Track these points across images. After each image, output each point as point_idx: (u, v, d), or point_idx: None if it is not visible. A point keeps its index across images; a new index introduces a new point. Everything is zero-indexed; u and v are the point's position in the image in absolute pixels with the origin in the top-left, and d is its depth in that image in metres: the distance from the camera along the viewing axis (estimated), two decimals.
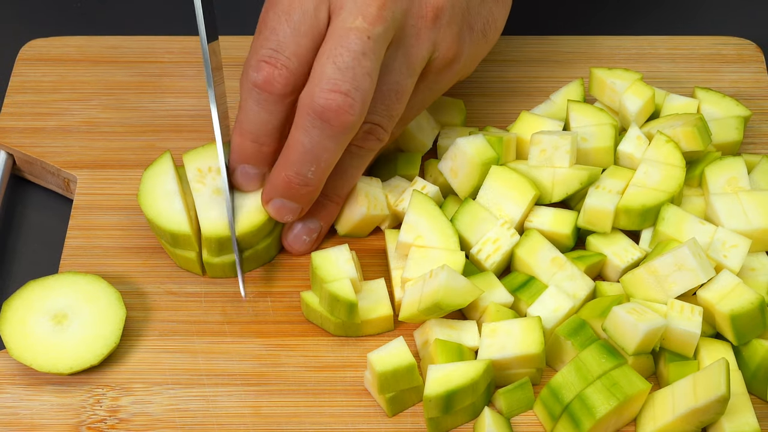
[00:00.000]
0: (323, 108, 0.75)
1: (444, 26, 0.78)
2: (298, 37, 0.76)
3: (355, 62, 0.75)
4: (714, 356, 0.77)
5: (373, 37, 0.75)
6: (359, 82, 0.75)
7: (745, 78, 0.94)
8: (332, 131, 0.76)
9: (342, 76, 0.75)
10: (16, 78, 0.94)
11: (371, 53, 0.75)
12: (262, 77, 0.77)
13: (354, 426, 0.76)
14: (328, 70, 0.75)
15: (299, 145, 0.77)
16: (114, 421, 0.76)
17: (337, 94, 0.75)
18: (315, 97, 0.75)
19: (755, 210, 0.82)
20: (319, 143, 0.77)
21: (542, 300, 0.79)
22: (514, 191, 0.83)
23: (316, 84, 0.75)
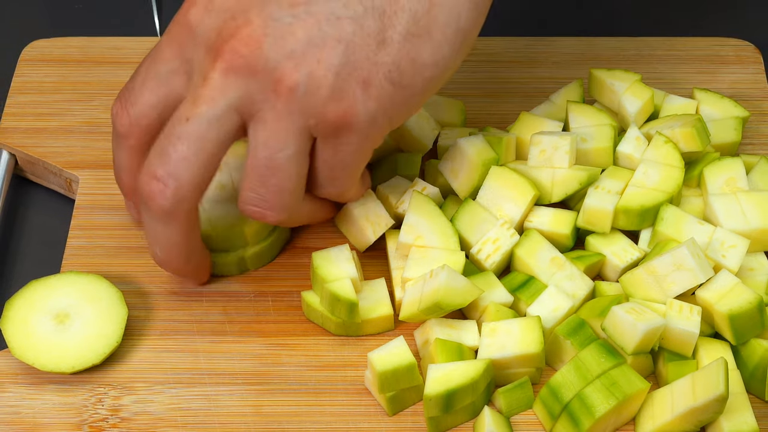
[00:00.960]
0: (143, 192, 0.75)
1: (306, 96, 0.73)
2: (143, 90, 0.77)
3: (169, 146, 0.74)
4: (712, 356, 0.77)
5: (194, 119, 0.74)
6: (173, 167, 0.74)
7: (743, 79, 0.94)
8: (155, 215, 0.76)
9: (158, 162, 0.74)
10: (19, 78, 0.94)
11: (188, 134, 0.74)
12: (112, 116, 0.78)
13: (354, 425, 0.76)
14: (151, 156, 0.75)
15: (144, 226, 0.78)
16: (116, 420, 0.76)
17: (152, 179, 0.74)
18: (139, 182, 0.76)
19: (754, 210, 0.82)
20: (151, 226, 0.77)
21: (542, 300, 0.79)
22: (514, 191, 0.83)
23: (144, 167, 0.76)
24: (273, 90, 0.73)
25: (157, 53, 0.77)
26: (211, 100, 0.73)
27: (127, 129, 0.77)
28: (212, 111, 0.73)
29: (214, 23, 0.74)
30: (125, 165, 0.79)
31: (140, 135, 0.77)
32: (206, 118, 0.74)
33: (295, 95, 0.73)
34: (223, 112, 0.74)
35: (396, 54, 0.73)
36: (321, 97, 0.73)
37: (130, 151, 0.78)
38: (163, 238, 0.77)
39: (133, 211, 0.84)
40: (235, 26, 0.73)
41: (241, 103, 0.74)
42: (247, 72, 0.73)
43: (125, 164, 0.79)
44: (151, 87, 0.76)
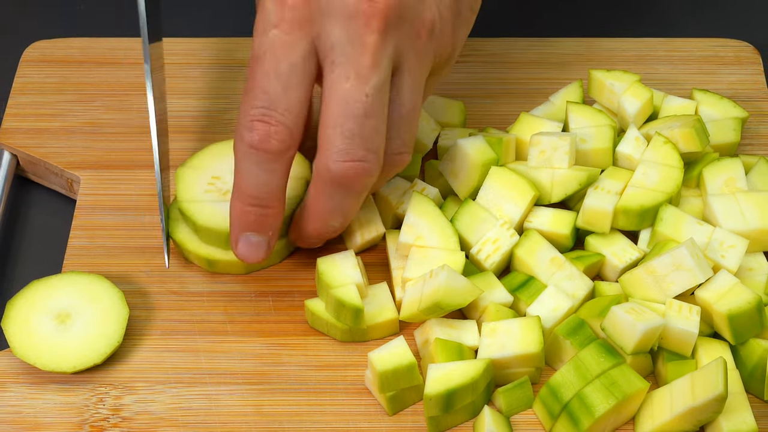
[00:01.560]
0: (341, 176, 0.74)
1: (438, 34, 0.77)
2: (289, 91, 0.74)
3: (361, 127, 0.74)
4: (712, 355, 0.77)
5: (371, 91, 0.74)
6: (369, 143, 0.74)
7: (742, 80, 0.94)
8: (354, 192, 0.76)
9: (352, 144, 0.74)
10: (20, 79, 0.94)
11: (373, 108, 0.74)
12: (258, 137, 0.74)
13: (355, 424, 0.76)
14: (337, 141, 0.74)
15: (323, 206, 0.77)
16: (117, 420, 0.77)
17: (351, 162, 0.74)
18: (331, 168, 0.74)
19: (752, 210, 0.82)
20: (344, 202, 0.77)
21: (541, 300, 0.79)
22: (514, 192, 0.83)
23: (328, 154, 0.74)
24: (416, 35, 0.75)
25: (277, 47, 0.74)
26: (376, 66, 0.73)
27: (289, 143, 0.75)
28: (381, 76, 0.73)
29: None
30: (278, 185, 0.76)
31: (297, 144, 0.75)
32: (380, 88, 0.74)
33: (432, 36, 0.75)
34: (387, 73, 0.74)
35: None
36: (446, 35, 0.77)
37: (288, 165, 0.76)
38: (352, 209, 0.77)
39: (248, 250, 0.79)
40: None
41: (395, 56, 0.74)
42: (400, 22, 0.74)
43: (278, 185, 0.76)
44: (295, 84, 0.74)
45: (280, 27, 0.73)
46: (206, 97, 0.92)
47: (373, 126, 0.74)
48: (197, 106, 0.92)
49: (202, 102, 0.91)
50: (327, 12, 0.73)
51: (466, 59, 0.96)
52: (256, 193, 0.76)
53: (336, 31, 0.73)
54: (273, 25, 0.74)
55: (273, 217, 0.77)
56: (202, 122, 0.91)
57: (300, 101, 0.74)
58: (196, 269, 0.84)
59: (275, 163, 0.75)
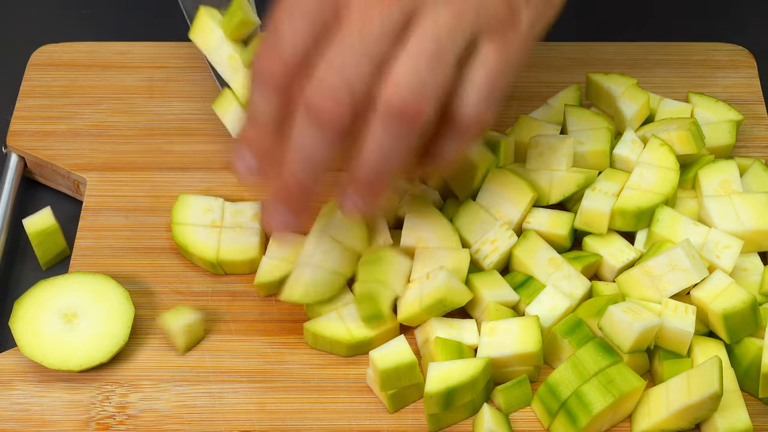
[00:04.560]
0: (314, 108, 0.71)
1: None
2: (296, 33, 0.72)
3: (345, 63, 0.70)
4: (707, 354, 0.77)
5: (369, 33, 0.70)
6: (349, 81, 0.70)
7: (737, 83, 0.94)
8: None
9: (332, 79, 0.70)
10: (28, 83, 0.94)
11: (362, 52, 0.70)
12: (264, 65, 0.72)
13: (356, 422, 0.77)
14: (321, 71, 0.71)
15: (295, 146, 0.72)
16: (123, 417, 0.77)
17: (325, 98, 0.70)
18: (307, 97, 0.71)
19: (747, 212, 0.82)
20: (313, 143, 0.72)
21: (540, 299, 0.80)
22: (513, 193, 0.83)
23: (309, 84, 0.71)
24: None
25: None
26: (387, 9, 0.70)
27: (288, 78, 0.72)
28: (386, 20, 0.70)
29: None
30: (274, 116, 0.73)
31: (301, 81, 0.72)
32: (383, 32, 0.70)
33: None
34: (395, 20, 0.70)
35: None
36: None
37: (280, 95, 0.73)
38: (322, 155, 0.72)
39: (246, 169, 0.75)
40: None
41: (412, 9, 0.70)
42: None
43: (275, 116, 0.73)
44: (300, 28, 0.71)
45: None
46: (211, 99, 0.92)
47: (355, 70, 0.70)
48: (201, 109, 0.92)
49: (206, 104, 0.91)
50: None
51: None
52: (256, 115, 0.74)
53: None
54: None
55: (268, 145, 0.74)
56: (207, 125, 0.91)
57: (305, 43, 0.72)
58: (201, 269, 0.84)
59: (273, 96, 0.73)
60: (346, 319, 0.80)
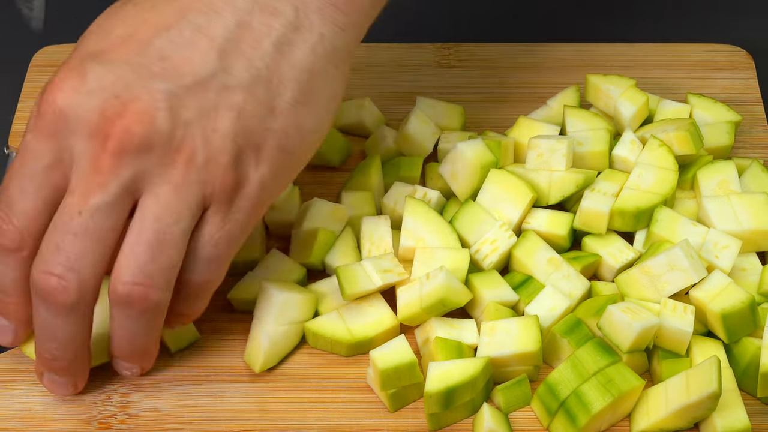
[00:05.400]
0: (41, 289, 0.70)
1: (205, 165, 0.70)
2: (24, 196, 0.71)
3: (67, 245, 0.69)
4: (706, 354, 0.77)
5: (86, 211, 0.69)
6: (73, 263, 0.70)
7: (736, 84, 0.95)
8: (54, 310, 0.71)
9: (54, 258, 0.70)
10: (29, 84, 0.94)
11: (83, 228, 0.69)
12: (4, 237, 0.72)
13: (357, 421, 0.77)
14: (44, 251, 0.70)
15: (36, 322, 0.73)
16: (124, 417, 0.77)
17: (51, 276, 0.70)
18: (34, 277, 0.70)
19: (746, 212, 0.82)
20: (49, 321, 0.72)
21: (539, 299, 0.80)
22: (512, 194, 0.83)
23: (36, 262, 0.71)
24: (170, 162, 0.70)
25: (26, 152, 0.71)
26: (102, 187, 0.69)
27: (18, 242, 0.72)
28: (105, 198, 0.69)
29: (92, 105, 0.69)
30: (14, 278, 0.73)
31: (34, 244, 0.72)
32: (100, 209, 0.69)
33: (194, 165, 0.70)
34: (116, 198, 0.70)
35: (284, 121, 0.72)
36: (220, 165, 0.70)
37: (23, 263, 0.72)
38: (63, 333, 0.72)
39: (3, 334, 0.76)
40: (120, 104, 0.69)
41: (134, 182, 0.70)
42: (142, 149, 0.69)
43: (14, 277, 0.73)
44: (31, 191, 0.71)
45: (33, 134, 0.71)
46: None
47: (82, 248, 0.70)
48: None
49: None
50: (74, 127, 0.69)
51: (466, 64, 0.96)
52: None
53: (78, 147, 0.70)
54: (28, 130, 0.71)
55: (14, 305, 0.74)
56: None
57: (36, 210, 0.71)
58: None
59: (11, 259, 0.72)
60: (346, 318, 0.80)
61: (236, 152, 0.71)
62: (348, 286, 0.79)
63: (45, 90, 0.71)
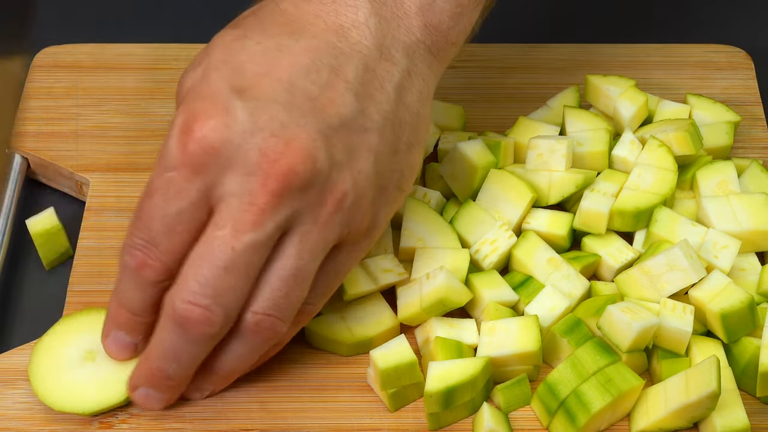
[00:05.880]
0: (183, 318, 0.71)
1: (351, 206, 0.71)
2: (172, 235, 0.71)
3: (216, 279, 0.70)
4: (705, 353, 0.77)
5: (239, 248, 0.69)
6: (220, 297, 0.70)
7: (735, 85, 0.95)
8: (192, 338, 0.72)
9: (202, 290, 0.70)
10: (31, 84, 0.94)
11: (235, 265, 0.69)
12: (135, 263, 0.72)
13: (357, 421, 0.77)
14: (190, 282, 0.70)
15: (162, 343, 0.73)
16: (125, 416, 0.77)
17: (196, 307, 0.70)
18: (176, 306, 0.71)
19: (745, 212, 0.83)
20: (180, 346, 0.72)
21: (539, 299, 0.80)
22: (512, 194, 0.84)
23: (178, 291, 0.71)
24: (322, 202, 0.70)
25: (170, 189, 0.70)
26: (257, 226, 0.69)
27: (164, 276, 0.72)
28: (259, 236, 0.69)
29: (249, 142, 0.69)
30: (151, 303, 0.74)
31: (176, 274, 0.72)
32: (253, 246, 0.69)
33: (343, 206, 0.71)
34: (269, 236, 0.70)
35: (403, 162, 0.74)
36: (363, 207, 0.72)
37: (162, 291, 0.73)
38: (188, 358, 0.73)
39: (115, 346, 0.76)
40: (281, 143, 0.69)
41: (288, 221, 0.70)
42: (303, 188, 0.69)
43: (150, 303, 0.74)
44: (179, 230, 0.71)
45: (178, 171, 0.70)
46: None
47: (231, 282, 0.70)
48: None
49: None
50: (227, 164, 0.69)
51: (466, 65, 0.96)
52: (130, 303, 0.74)
53: (231, 184, 0.69)
54: (171, 167, 0.70)
55: (144, 324, 0.75)
56: None
57: (182, 244, 0.71)
58: None
59: (150, 287, 0.73)
60: (346, 318, 0.80)
61: (375, 195, 0.73)
62: (349, 286, 0.80)
63: (185, 125, 0.69)
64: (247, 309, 0.72)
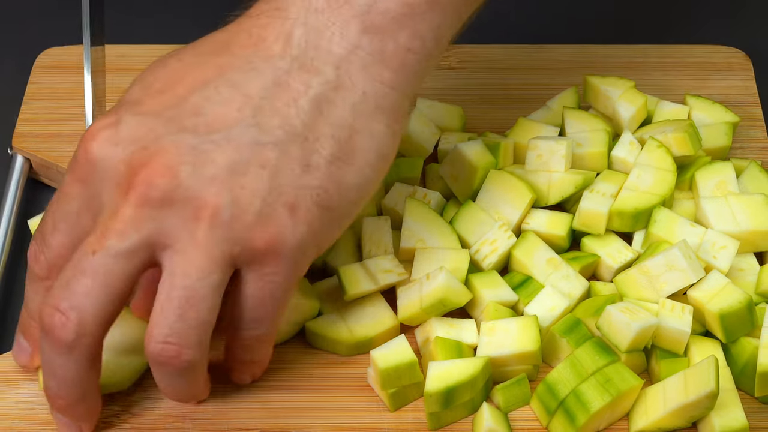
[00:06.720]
0: (45, 323, 0.70)
1: (230, 222, 0.69)
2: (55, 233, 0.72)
3: (72, 281, 0.69)
4: (703, 353, 0.78)
5: (100, 253, 0.68)
6: (77, 301, 0.69)
7: (734, 85, 0.95)
8: (55, 347, 0.70)
9: (61, 294, 0.69)
10: (33, 85, 0.95)
11: (93, 271, 0.68)
12: (30, 256, 0.74)
13: (358, 420, 0.77)
14: (55, 286, 0.70)
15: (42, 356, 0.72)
16: (127, 416, 0.77)
17: (55, 311, 0.69)
18: (42, 310, 0.70)
19: (743, 213, 0.83)
20: (50, 358, 0.71)
21: (539, 299, 0.80)
22: (512, 194, 0.84)
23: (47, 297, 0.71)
24: (193, 218, 0.68)
25: (63, 193, 0.72)
26: (120, 234, 0.68)
27: (46, 271, 0.73)
28: (121, 244, 0.68)
29: (121, 155, 0.69)
30: (39, 304, 0.73)
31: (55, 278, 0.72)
32: (114, 252, 0.69)
33: (219, 221, 0.68)
34: (133, 246, 0.69)
35: (322, 178, 0.71)
36: (247, 223, 0.69)
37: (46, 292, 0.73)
38: (61, 372, 0.71)
39: (21, 355, 0.77)
40: (146, 156, 0.69)
41: (155, 236, 0.69)
42: (163, 203, 0.68)
43: (38, 304, 0.73)
44: (62, 228, 0.72)
45: (69, 176, 0.72)
46: None
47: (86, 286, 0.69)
48: None
49: None
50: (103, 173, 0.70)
51: (466, 66, 0.96)
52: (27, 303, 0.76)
53: (105, 195, 0.70)
54: (67, 171, 0.72)
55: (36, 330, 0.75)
56: None
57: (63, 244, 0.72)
58: None
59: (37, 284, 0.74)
60: (347, 318, 0.81)
61: (266, 211, 0.69)
62: (349, 286, 0.80)
63: (83, 136, 0.71)
64: (149, 340, 0.70)
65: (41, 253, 0.73)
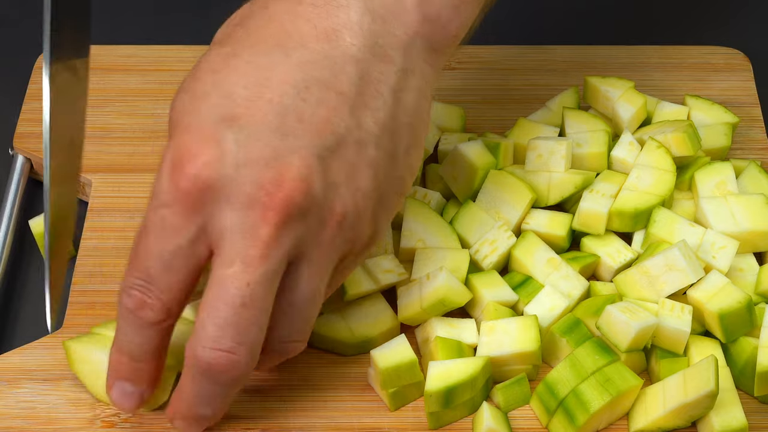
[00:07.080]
0: (208, 365, 0.69)
1: (351, 223, 0.70)
2: (170, 273, 0.69)
3: (236, 317, 0.68)
4: (703, 353, 0.78)
5: (254, 282, 0.67)
6: (243, 336, 0.68)
7: (733, 86, 0.95)
8: (221, 383, 0.70)
9: (222, 334, 0.68)
10: (34, 86, 0.95)
11: (252, 299, 0.68)
12: (133, 304, 0.70)
13: (358, 420, 0.77)
14: (209, 328, 0.68)
15: (191, 389, 0.71)
16: (128, 415, 0.77)
17: (220, 351, 0.68)
18: (198, 354, 0.69)
19: (743, 213, 0.83)
20: (211, 391, 0.71)
21: (538, 299, 0.80)
22: (512, 195, 0.84)
23: (199, 339, 0.69)
24: (322, 225, 0.69)
25: (165, 227, 0.68)
26: (266, 258, 0.67)
27: (163, 315, 0.70)
28: (270, 267, 0.68)
29: (244, 176, 0.67)
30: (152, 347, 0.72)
31: (178, 312, 0.71)
32: (267, 278, 0.68)
33: (343, 225, 0.69)
34: (279, 266, 0.68)
35: (403, 167, 0.72)
36: (364, 223, 0.71)
37: (163, 333, 0.71)
38: (221, 400, 0.72)
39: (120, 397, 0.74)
40: (276, 173, 0.67)
41: (292, 250, 0.69)
42: (303, 216, 0.68)
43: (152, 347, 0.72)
44: (177, 267, 0.69)
45: (172, 208, 0.68)
46: None
47: (251, 317, 0.68)
48: None
49: None
50: (223, 199, 0.67)
51: (466, 66, 0.96)
52: (130, 350, 0.72)
53: (229, 219, 0.67)
54: (165, 204, 0.68)
55: (147, 371, 0.73)
56: None
57: (181, 282, 0.69)
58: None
59: (149, 329, 0.71)
60: (347, 318, 0.81)
61: (375, 210, 0.71)
62: (350, 286, 0.80)
63: (176, 162, 0.68)
64: (274, 339, 0.71)
65: (154, 299, 0.70)
